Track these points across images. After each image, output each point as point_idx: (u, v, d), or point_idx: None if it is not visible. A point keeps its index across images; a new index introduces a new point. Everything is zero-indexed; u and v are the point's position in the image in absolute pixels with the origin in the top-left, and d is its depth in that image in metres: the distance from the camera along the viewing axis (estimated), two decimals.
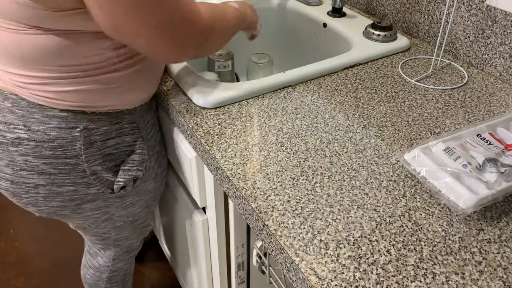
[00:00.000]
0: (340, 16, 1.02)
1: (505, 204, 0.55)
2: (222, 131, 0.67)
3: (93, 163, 0.70)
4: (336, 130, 0.67)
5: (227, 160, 0.61)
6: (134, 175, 0.76)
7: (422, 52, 0.91)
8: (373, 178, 0.58)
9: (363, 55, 0.86)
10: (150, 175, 0.82)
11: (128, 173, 0.76)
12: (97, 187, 0.74)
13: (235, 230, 0.76)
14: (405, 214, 0.53)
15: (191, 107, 0.72)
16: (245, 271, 0.86)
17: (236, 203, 0.59)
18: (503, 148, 0.59)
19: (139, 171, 0.77)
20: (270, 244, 0.52)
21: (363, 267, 0.47)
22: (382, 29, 0.90)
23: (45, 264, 1.53)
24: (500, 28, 0.78)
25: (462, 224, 0.52)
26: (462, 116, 0.71)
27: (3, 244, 1.61)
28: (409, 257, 0.48)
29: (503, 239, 0.50)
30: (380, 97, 0.76)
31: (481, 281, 0.46)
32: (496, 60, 0.81)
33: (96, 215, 0.80)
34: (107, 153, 0.72)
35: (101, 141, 0.70)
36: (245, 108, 0.72)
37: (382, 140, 0.65)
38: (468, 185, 0.53)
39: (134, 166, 0.76)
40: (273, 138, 0.65)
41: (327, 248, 0.49)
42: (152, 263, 1.53)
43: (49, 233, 1.64)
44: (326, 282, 0.45)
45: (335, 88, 0.78)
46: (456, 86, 0.79)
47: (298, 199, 0.55)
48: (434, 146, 0.58)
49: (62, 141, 0.67)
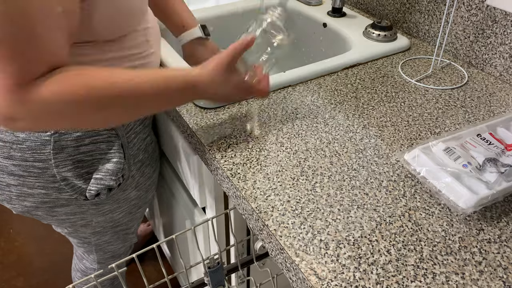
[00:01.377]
0: (340, 16, 1.02)
1: (505, 204, 0.55)
2: (222, 131, 0.67)
3: (63, 168, 0.68)
4: (336, 130, 0.67)
5: (227, 160, 0.61)
6: (107, 185, 0.72)
7: (422, 52, 0.91)
8: (373, 178, 0.58)
9: (363, 55, 0.86)
10: (130, 184, 0.78)
11: (101, 182, 0.72)
12: (69, 192, 0.71)
13: (235, 230, 0.76)
14: (405, 214, 0.53)
15: (191, 107, 0.72)
16: (245, 270, 0.86)
17: (236, 203, 0.59)
18: (503, 148, 0.59)
19: (112, 181, 0.72)
20: (270, 244, 0.52)
21: (363, 267, 0.47)
22: (382, 29, 0.90)
23: (45, 264, 1.53)
24: (500, 28, 0.78)
25: (462, 224, 0.52)
26: (462, 116, 0.71)
27: (3, 244, 1.61)
28: (409, 257, 0.48)
29: (503, 239, 0.50)
30: (380, 97, 0.76)
31: (481, 281, 0.46)
32: (496, 60, 0.81)
33: (71, 220, 0.78)
34: (79, 159, 0.68)
35: (73, 147, 0.67)
36: (245, 108, 0.72)
37: (382, 140, 0.65)
38: (468, 185, 0.53)
39: (108, 175, 0.72)
40: (273, 138, 0.65)
41: (327, 248, 0.49)
42: (152, 263, 1.53)
43: (49, 233, 1.64)
44: (326, 282, 0.45)
45: (335, 88, 0.78)
46: (456, 86, 0.79)
47: (298, 199, 0.55)
48: (434, 146, 0.58)
49: (31, 144, 0.64)
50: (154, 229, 1.46)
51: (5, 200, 0.73)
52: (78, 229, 0.82)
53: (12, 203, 0.73)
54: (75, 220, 0.78)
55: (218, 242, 0.83)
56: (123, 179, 0.76)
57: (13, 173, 0.67)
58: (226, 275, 0.70)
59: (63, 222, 0.79)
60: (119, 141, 0.72)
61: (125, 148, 0.73)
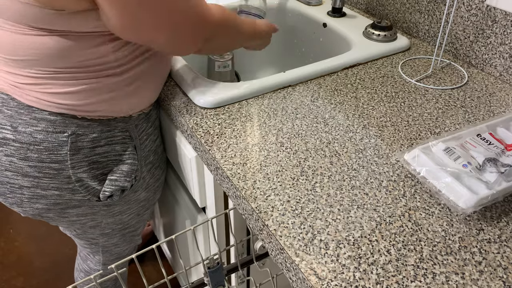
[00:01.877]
0: (340, 16, 1.02)
1: (505, 204, 0.55)
2: (222, 131, 0.67)
3: (78, 169, 0.69)
4: (336, 130, 0.67)
5: (227, 160, 0.61)
6: (122, 186, 0.74)
7: (422, 52, 0.91)
8: (373, 178, 0.58)
9: (363, 55, 0.86)
10: (141, 185, 0.80)
11: (115, 183, 0.73)
12: (82, 194, 0.72)
13: (235, 230, 0.76)
14: (405, 214, 0.53)
15: (191, 107, 0.72)
16: (245, 270, 0.86)
17: (236, 203, 0.59)
18: (503, 148, 0.59)
19: (127, 182, 0.74)
20: (270, 244, 0.52)
21: (363, 267, 0.47)
22: (382, 29, 0.90)
23: (45, 264, 1.53)
24: (500, 28, 0.78)
25: (462, 224, 0.52)
26: (462, 116, 0.71)
27: (3, 244, 1.61)
28: (409, 257, 0.48)
29: (503, 239, 0.50)
30: (380, 97, 0.76)
31: (481, 281, 0.46)
32: (496, 60, 0.81)
33: (82, 221, 0.79)
34: (94, 160, 0.70)
35: (89, 148, 0.68)
36: (245, 108, 0.72)
37: (382, 140, 0.65)
38: (468, 185, 0.53)
39: (122, 176, 0.74)
40: (273, 138, 0.65)
41: (327, 248, 0.49)
42: (152, 263, 1.53)
43: (49, 233, 1.64)
44: (326, 282, 0.45)
45: (335, 88, 0.78)
46: (456, 86, 0.79)
47: (298, 199, 0.55)
48: (434, 146, 0.58)
49: (48, 145, 0.65)
50: (154, 229, 1.46)
51: (15, 204, 0.72)
52: (87, 230, 0.82)
53: (23, 206, 0.73)
54: (85, 221, 0.79)
55: (218, 242, 0.83)
56: (136, 181, 0.77)
57: (27, 175, 0.68)
58: (226, 275, 0.70)
59: (73, 223, 0.79)
60: (132, 143, 0.74)
61: (138, 150, 0.75)
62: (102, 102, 0.66)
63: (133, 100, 0.70)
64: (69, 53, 0.60)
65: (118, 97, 0.67)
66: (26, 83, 0.62)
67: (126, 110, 0.70)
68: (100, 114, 0.67)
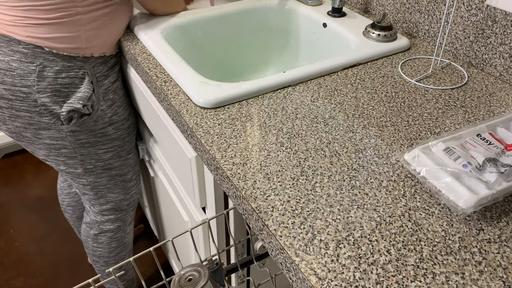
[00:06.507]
0: (340, 16, 1.02)
1: (505, 204, 0.55)
2: (222, 131, 0.67)
3: (43, 94, 0.84)
4: (336, 130, 0.67)
5: (227, 160, 0.61)
6: (76, 107, 0.88)
7: (422, 52, 0.91)
8: (373, 178, 0.58)
9: (363, 55, 0.86)
10: (101, 117, 0.94)
11: (70, 104, 0.88)
12: (48, 117, 0.87)
13: (234, 230, 0.76)
14: (405, 214, 0.53)
15: (191, 107, 0.72)
16: (245, 271, 0.86)
17: (236, 203, 0.59)
18: (503, 148, 0.59)
19: (79, 104, 0.88)
20: (270, 244, 0.52)
21: (363, 267, 0.47)
22: (382, 29, 0.90)
23: (45, 264, 1.53)
24: (500, 28, 0.78)
25: (462, 224, 0.52)
26: (462, 116, 0.71)
27: (3, 244, 1.61)
28: (409, 257, 0.48)
29: (503, 239, 0.50)
30: (380, 97, 0.76)
31: (481, 281, 0.46)
32: (496, 60, 0.81)
33: (56, 146, 0.93)
34: (57, 89, 0.85)
35: (52, 77, 0.84)
36: (245, 108, 0.72)
37: (382, 140, 0.65)
38: (468, 185, 0.53)
39: (76, 100, 0.88)
40: (273, 138, 0.65)
41: (327, 248, 0.49)
42: (152, 263, 1.53)
43: (49, 233, 1.64)
44: (326, 282, 0.45)
45: (335, 88, 0.78)
46: (456, 86, 0.79)
47: (298, 199, 0.55)
48: (434, 146, 0.58)
49: (20, 72, 0.82)
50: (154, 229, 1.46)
51: (1, 121, 0.89)
52: (68, 162, 0.96)
53: (6, 123, 0.89)
54: (59, 146, 0.93)
55: (218, 242, 0.83)
56: (93, 110, 0.91)
57: (4, 97, 0.84)
58: (226, 275, 0.70)
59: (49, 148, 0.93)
60: (89, 78, 0.89)
61: (94, 85, 0.90)
62: (65, 38, 0.82)
63: (93, 41, 0.86)
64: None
65: (79, 37, 0.83)
66: (6, 19, 0.78)
67: (85, 50, 0.86)
68: (64, 50, 0.83)
